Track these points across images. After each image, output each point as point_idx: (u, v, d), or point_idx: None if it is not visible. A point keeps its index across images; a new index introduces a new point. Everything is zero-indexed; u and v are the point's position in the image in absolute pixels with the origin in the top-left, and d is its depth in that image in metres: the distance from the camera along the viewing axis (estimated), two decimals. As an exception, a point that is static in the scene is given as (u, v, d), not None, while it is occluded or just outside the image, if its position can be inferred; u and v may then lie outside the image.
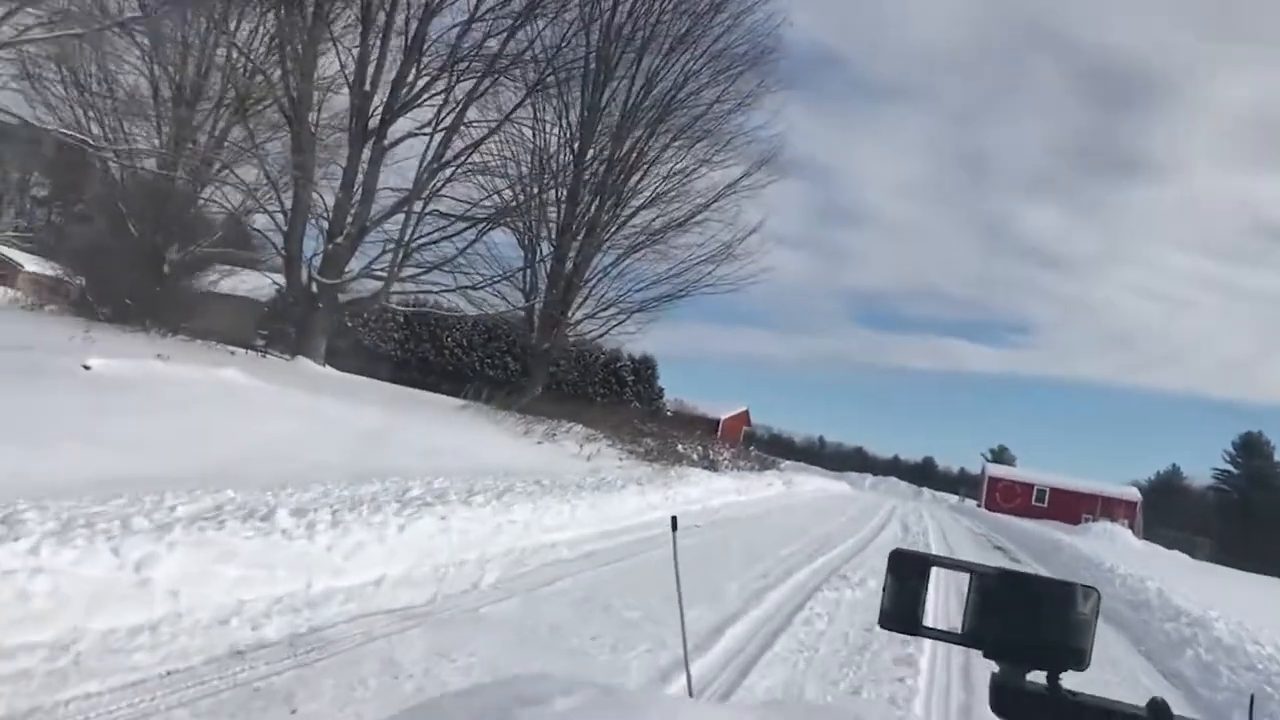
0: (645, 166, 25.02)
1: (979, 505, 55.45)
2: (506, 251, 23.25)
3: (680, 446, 21.33)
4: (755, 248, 25.55)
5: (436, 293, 22.04)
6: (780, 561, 10.72)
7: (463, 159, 20.33)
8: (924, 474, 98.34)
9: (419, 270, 20.74)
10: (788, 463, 67.89)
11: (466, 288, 21.19)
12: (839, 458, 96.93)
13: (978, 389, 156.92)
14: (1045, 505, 55.03)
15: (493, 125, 20.62)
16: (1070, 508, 53.30)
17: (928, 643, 7.40)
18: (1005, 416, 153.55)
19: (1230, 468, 74.72)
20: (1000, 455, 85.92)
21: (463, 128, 20.78)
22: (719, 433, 67.10)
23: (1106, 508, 51.78)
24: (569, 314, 25.00)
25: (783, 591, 8.73)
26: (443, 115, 20.08)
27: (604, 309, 25.40)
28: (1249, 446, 74.14)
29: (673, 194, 25.16)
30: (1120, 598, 11.79)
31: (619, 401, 45.41)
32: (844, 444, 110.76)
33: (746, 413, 75.36)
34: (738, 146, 25.25)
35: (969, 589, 1.03)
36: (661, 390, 58.82)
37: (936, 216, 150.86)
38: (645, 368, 57.17)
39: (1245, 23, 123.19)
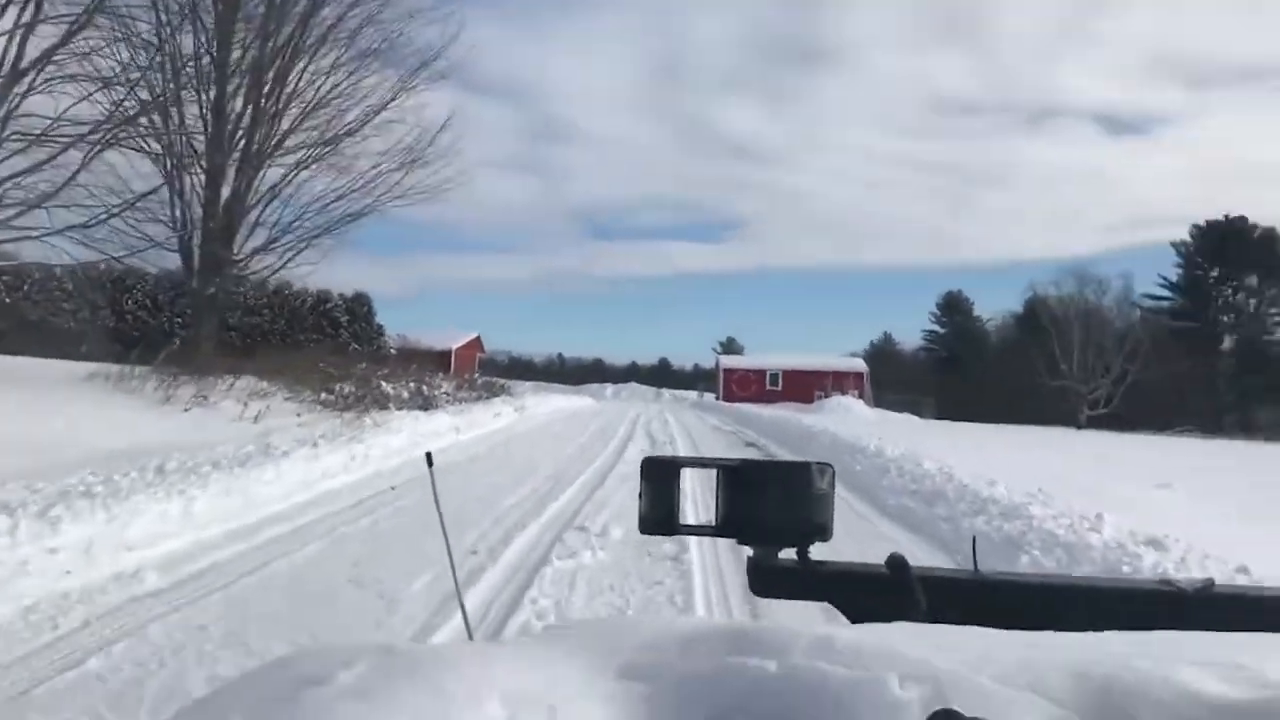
0: (303, 66, 21.06)
1: (718, 399, 55.53)
2: (142, 185, 18.69)
3: (388, 386, 18.12)
4: (448, 150, 22.30)
5: (37, 237, 17.36)
6: (497, 523, 8.06)
7: (44, 62, 15.68)
8: (661, 375, 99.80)
9: (12, 211, 16.07)
10: (527, 384, 65.72)
11: (78, 227, 16.76)
12: (579, 372, 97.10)
13: (701, 286, 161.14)
14: (779, 389, 55.74)
15: (85, 14, 16.04)
16: (803, 387, 54.22)
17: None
18: (729, 309, 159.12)
19: (937, 328, 79.73)
20: (730, 346, 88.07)
21: (49, 23, 16.08)
22: (452, 364, 64.70)
23: (837, 382, 53.02)
24: (236, 248, 20.89)
25: (493, 579, 6.07)
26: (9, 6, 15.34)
27: (279, 238, 21.42)
28: (951, 305, 79.13)
29: (339, 96, 21.40)
30: (906, 490, 9.99)
31: (335, 346, 41.72)
32: (583, 357, 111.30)
33: (479, 339, 72.75)
34: (408, 33, 21.72)
35: (717, 484, 1.10)
36: (381, 328, 54.92)
37: (645, 124, 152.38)
38: (360, 305, 52.94)
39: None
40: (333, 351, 35.63)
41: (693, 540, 7.22)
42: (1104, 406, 55.00)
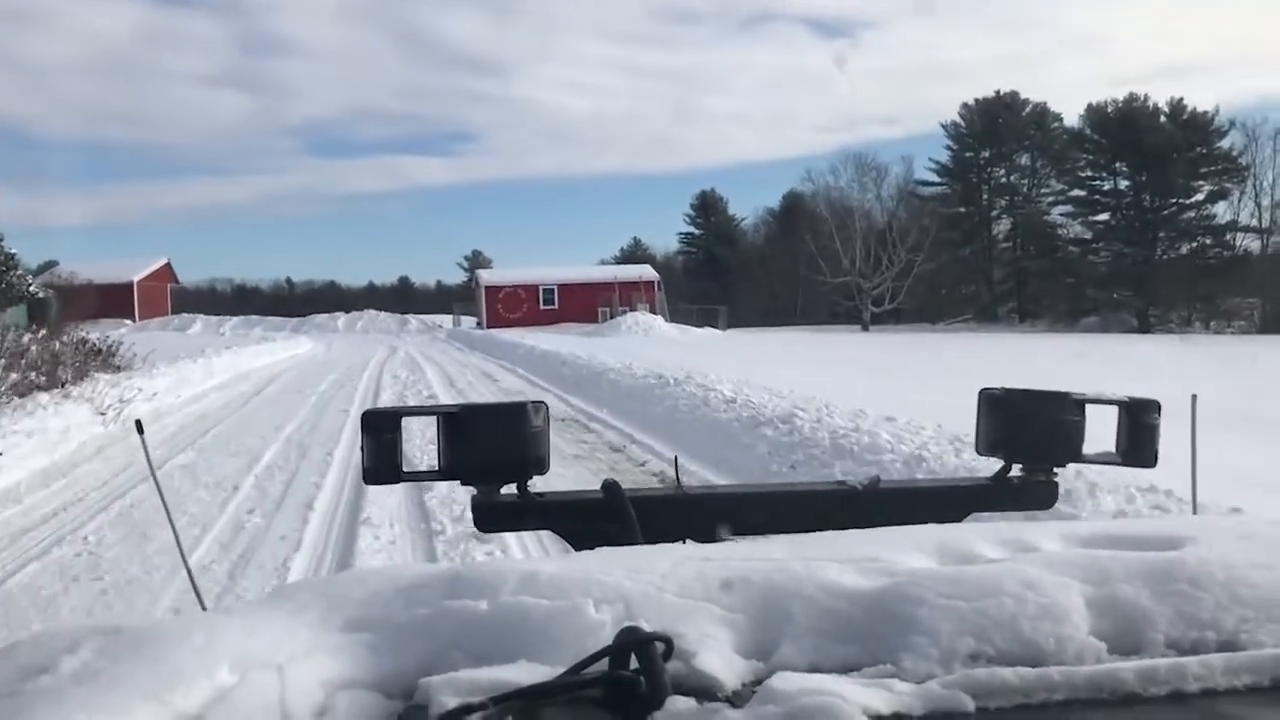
0: None
1: (481, 325, 45.25)
2: None
3: None
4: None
5: None
6: None
7: None
8: (403, 296, 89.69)
9: None
10: (233, 320, 52.82)
11: None
12: (309, 297, 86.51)
13: (438, 201, 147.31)
14: (556, 306, 46.41)
15: None
16: (584, 302, 45.29)
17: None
18: (471, 224, 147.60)
19: (693, 229, 76.06)
20: (477, 261, 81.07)
21: None
22: (135, 300, 51.76)
23: (625, 294, 44.15)
24: None
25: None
26: None
27: None
28: (705, 206, 75.55)
29: None
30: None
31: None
32: (315, 281, 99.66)
33: (169, 268, 58.59)
34: None
35: (438, 429, 1.13)
36: (14, 260, 41.50)
37: (363, 34, 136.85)
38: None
39: None
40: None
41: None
42: (890, 302, 50.12)
